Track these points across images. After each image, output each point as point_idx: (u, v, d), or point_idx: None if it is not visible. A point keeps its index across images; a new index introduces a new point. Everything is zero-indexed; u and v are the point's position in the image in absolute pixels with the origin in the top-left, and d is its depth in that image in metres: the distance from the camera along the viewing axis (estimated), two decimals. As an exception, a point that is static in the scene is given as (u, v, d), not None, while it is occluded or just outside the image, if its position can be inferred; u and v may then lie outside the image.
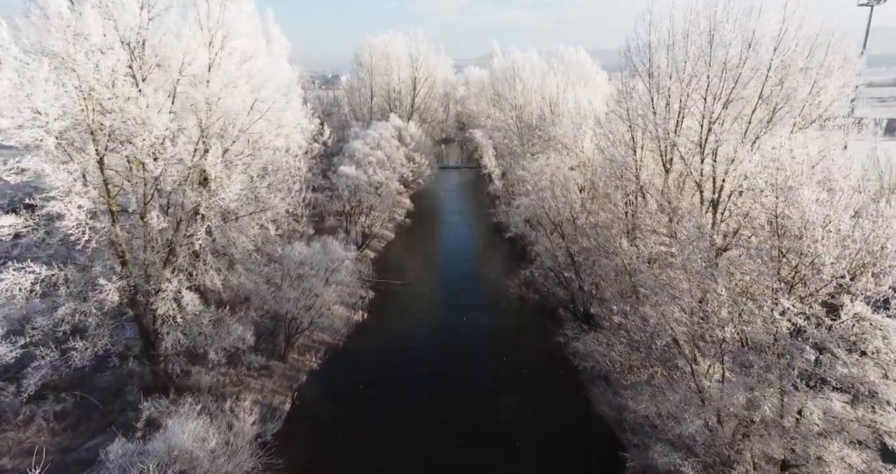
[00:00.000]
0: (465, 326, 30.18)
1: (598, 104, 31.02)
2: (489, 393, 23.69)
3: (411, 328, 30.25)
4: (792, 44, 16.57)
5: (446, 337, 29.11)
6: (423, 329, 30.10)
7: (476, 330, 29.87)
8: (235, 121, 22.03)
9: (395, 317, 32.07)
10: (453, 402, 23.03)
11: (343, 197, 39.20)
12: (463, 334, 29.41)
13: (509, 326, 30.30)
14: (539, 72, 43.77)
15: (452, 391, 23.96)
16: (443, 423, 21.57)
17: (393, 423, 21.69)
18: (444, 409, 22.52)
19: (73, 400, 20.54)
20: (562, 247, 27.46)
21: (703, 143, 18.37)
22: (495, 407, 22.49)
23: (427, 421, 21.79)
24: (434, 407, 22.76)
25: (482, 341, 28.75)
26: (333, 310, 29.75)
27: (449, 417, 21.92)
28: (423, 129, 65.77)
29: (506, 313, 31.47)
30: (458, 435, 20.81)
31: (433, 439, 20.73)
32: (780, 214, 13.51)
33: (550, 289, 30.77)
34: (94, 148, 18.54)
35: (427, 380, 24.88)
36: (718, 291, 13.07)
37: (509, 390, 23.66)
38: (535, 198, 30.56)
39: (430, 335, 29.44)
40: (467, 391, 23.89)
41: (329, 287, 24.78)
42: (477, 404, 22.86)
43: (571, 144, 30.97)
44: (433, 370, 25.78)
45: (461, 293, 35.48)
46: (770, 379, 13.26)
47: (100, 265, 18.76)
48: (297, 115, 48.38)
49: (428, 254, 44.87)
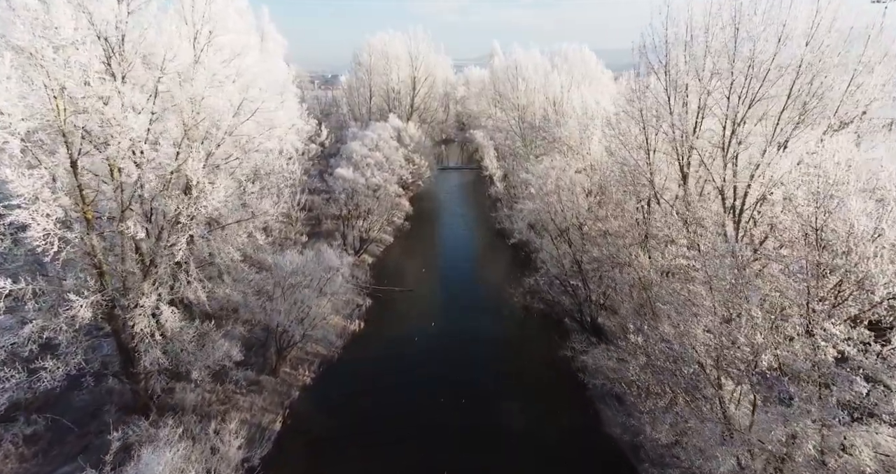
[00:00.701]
0: (465, 335, 28.81)
1: (606, 104, 29.62)
2: (490, 403, 22.41)
3: (410, 337, 28.82)
4: (826, 37, 15.18)
5: (446, 346, 27.71)
6: (421, 338, 28.69)
7: (477, 339, 28.48)
8: (221, 122, 20.59)
9: (394, 325, 30.67)
10: (452, 412, 21.97)
11: (340, 200, 37.76)
12: (463, 344, 28.01)
13: (512, 336, 28.89)
14: (542, 71, 42.37)
15: (451, 401, 22.69)
16: (441, 432, 20.61)
17: (390, 433, 20.63)
18: (443, 418, 21.53)
19: (45, 422, 19.10)
20: (568, 255, 26.06)
21: (725, 146, 16.97)
22: (496, 419, 21.30)
23: (425, 429, 20.83)
24: (432, 415, 21.74)
25: (483, 352, 27.36)
26: (329, 320, 28.35)
27: (448, 425, 21.01)
28: (422, 130, 64.27)
29: (509, 322, 30.05)
30: (457, 442, 19.94)
31: (432, 448, 19.76)
32: (819, 226, 12.10)
33: (556, 297, 29.36)
34: (67, 151, 17.14)
35: (425, 390, 23.60)
36: (752, 312, 11.67)
37: (511, 402, 22.30)
38: (539, 203, 29.18)
39: (429, 344, 28.03)
40: (467, 399, 22.67)
41: (323, 297, 23.38)
42: (477, 413, 21.75)
43: (577, 146, 29.57)
44: (431, 380, 24.47)
45: (462, 300, 34.06)
46: (810, 411, 11.84)
47: (73, 278, 17.32)
48: (293, 115, 47.13)
49: (428, 258, 43.43)
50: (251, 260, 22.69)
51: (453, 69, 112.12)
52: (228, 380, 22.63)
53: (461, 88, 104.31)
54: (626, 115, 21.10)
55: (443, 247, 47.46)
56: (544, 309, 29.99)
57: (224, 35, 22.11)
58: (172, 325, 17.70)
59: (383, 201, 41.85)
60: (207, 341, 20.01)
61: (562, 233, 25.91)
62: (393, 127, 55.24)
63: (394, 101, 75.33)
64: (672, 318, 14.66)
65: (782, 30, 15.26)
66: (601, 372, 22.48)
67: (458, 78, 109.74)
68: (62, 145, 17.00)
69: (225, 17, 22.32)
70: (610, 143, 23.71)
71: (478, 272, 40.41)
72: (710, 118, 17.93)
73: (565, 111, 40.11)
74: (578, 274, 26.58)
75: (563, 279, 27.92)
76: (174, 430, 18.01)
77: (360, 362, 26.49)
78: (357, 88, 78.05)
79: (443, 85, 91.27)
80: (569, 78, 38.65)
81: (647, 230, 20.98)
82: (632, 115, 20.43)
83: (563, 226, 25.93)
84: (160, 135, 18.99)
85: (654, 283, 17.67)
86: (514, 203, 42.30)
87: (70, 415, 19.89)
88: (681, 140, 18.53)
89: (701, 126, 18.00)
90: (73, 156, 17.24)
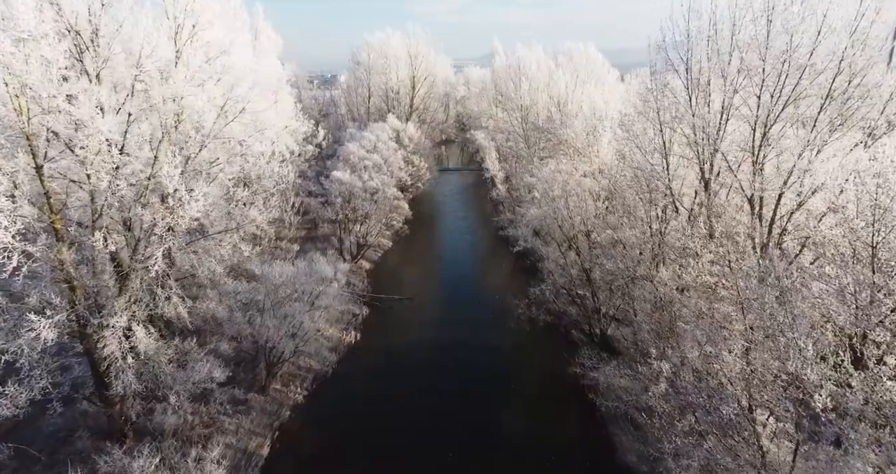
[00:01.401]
0: (466, 347, 27.24)
1: (616, 104, 28.07)
2: (493, 424, 20.96)
3: (408, 350, 27.28)
4: (871, 30, 13.66)
5: (446, 359, 26.16)
6: (420, 351, 27.13)
7: (479, 352, 26.94)
8: (204, 123, 19.06)
9: (392, 336, 29.15)
10: (452, 432, 20.67)
11: (335, 204, 36.19)
12: (464, 356, 26.47)
13: (517, 349, 27.27)
14: (546, 69, 40.78)
15: (451, 421, 21.36)
16: (440, 453, 19.43)
17: (386, 454, 19.39)
18: (442, 439, 20.27)
19: (9, 451, 17.51)
20: (576, 264, 24.50)
21: (755, 150, 15.42)
22: (499, 441, 19.94)
23: (423, 449, 19.66)
24: (431, 435, 20.47)
25: (486, 365, 25.79)
26: (323, 332, 26.85)
27: (447, 446, 19.76)
28: (422, 131, 62.58)
29: (512, 334, 28.24)
30: (457, 466, 18.89)
31: (431, 470, 18.77)
32: (876, 243, 10.56)
33: (563, 307, 27.79)
34: (31, 155, 15.59)
35: (424, 408, 22.17)
36: (800, 343, 10.14)
37: (516, 423, 20.76)
38: (545, 208, 27.62)
39: (428, 357, 26.50)
40: (468, 419, 21.31)
41: (316, 311, 21.81)
42: (479, 433, 20.34)
43: (585, 148, 28.03)
44: (431, 397, 23.03)
45: (463, 310, 32.50)
46: (865, 455, 10.29)
47: (37, 294, 15.75)
48: (289, 115, 45.59)
49: (427, 265, 41.88)
50: (238, 271, 21.12)
51: (453, 69, 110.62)
52: (213, 400, 21.06)
53: (461, 88, 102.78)
54: (641, 116, 19.54)
55: (443, 252, 45.84)
56: (550, 320, 28.36)
57: (209, 30, 20.65)
58: (147, 347, 16.13)
59: (381, 205, 40.29)
60: (189, 360, 18.45)
61: (569, 241, 24.37)
62: (392, 128, 53.66)
63: (393, 101, 73.74)
64: (698, 340, 13.12)
65: (822, 21, 13.72)
66: (613, 391, 20.92)
67: (457, 78, 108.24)
68: (26, 149, 15.45)
69: (210, 12, 20.82)
70: (622, 146, 22.18)
71: (480, 279, 38.85)
72: (735, 119, 16.39)
73: (570, 111, 38.59)
74: (587, 283, 25.05)
75: (571, 288, 26.38)
76: (150, 460, 16.50)
77: (355, 377, 24.97)
78: (355, 88, 76.51)
79: (443, 85, 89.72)
80: (574, 77, 37.09)
81: (663, 240, 19.42)
82: (647, 115, 18.89)
83: (571, 233, 24.38)
84: (137, 138, 17.47)
85: (674, 300, 16.14)
86: (516, 206, 40.74)
87: (39, 442, 18.36)
88: (703, 142, 16.99)
89: (725, 128, 16.46)
90: (39, 160, 15.70)
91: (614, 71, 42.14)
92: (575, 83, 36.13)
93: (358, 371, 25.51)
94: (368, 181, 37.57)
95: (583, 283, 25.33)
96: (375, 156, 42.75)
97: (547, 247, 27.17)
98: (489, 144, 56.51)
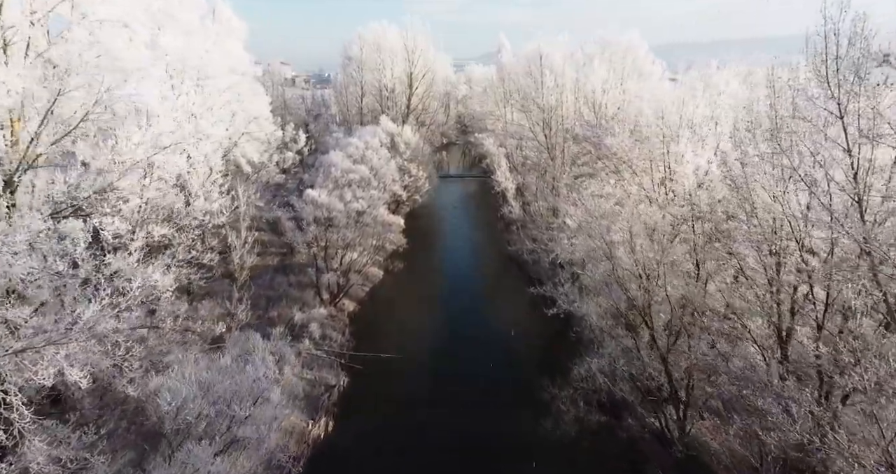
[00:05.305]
0: (478, 448, 19.09)
1: (703, 107, 20.03)
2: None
3: (398, 448, 19.21)
4: None
5: (453, 469, 18.22)
6: (415, 451, 19.12)
7: (497, 457, 18.78)
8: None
9: (375, 419, 20.96)
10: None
11: (308, 233, 28.10)
12: (477, 463, 18.43)
13: (555, 459, 19.09)
14: (575, 62, 32.74)
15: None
16: None
17: None
18: None
19: None
20: (650, 348, 16.47)
21: None
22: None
23: None
24: None
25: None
26: (277, 422, 18.60)
27: None
28: (420, 134, 54.25)
29: (544, 427, 20.07)
30: None
31: None
32: None
33: (619, 392, 19.56)
34: None
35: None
36: None
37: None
38: (594, 248, 19.58)
39: (427, 460, 18.55)
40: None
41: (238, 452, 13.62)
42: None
43: (650, 168, 20.03)
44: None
45: (472, 380, 24.11)
46: None
47: None
48: (262, 114, 37.69)
49: (426, 305, 33.47)
50: (102, 390, 13.02)
51: (452, 69, 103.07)
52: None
53: (462, 87, 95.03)
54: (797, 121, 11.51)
55: (445, 288, 36.82)
56: (601, 400, 20.06)
57: None
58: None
59: (369, 229, 32.21)
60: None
61: (643, 316, 16.21)
62: (385, 131, 45.50)
63: (388, 100, 65.53)
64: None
65: None
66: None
67: (458, 77, 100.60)
68: None
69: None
70: (733, 171, 14.11)
71: (494, 330, 29.51)
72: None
73: (607, 114, 30.61)
74: (662, 368, 17.06)
75: (637, 368, 18.35)
76: None
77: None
78: (347, 86, 68.52)
79: (443, 83, 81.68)
80: (619, 71, 29.06)
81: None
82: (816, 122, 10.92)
83: (643, 301, 16.26)
84: None
85: None
86: (537, 231, 32.61)
87: None
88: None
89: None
90: None
91: (659, 62, 34.11)
92: (620, 78, 28.08)
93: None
94: (352, 202, 29.47)
95: (656, 367, 17.34)
96: (363, 168, 34.58)
97: (602, 321, 18.87)
98: (498, 151, 48.59)
